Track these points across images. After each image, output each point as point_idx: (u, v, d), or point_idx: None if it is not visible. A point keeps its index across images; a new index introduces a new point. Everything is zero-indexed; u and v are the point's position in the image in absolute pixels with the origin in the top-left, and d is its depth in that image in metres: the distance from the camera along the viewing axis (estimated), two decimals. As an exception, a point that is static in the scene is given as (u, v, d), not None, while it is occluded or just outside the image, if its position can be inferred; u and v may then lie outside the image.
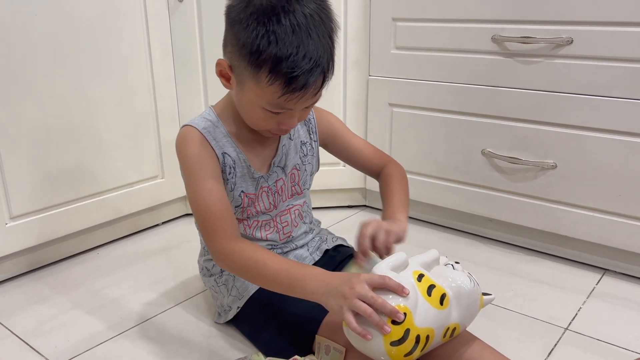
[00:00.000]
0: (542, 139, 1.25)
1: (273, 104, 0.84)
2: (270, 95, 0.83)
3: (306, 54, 0.79)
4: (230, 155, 0.94)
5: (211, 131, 0.93)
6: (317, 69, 0.81)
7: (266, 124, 0.89)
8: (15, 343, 1.03)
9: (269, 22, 0.78)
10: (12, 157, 1.19)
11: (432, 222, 1.54)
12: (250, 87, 0.84)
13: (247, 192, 0.97)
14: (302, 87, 0.81)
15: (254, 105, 0.86)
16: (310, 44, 0.79)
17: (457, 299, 0.82)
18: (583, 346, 1.00)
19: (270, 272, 0.84)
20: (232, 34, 0.84)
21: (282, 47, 0.78)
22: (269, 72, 0.80)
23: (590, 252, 1.28)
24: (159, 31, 1.40)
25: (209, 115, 0.95)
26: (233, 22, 0.83)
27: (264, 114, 0.86)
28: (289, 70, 0.79)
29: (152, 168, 1.47)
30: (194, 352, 0.99)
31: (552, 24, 1.18)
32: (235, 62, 0.85)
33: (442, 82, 1.37)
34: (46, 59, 1.20)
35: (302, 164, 1.03)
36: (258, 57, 0.79)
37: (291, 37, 0.78)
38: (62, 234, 1.31)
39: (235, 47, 0.83)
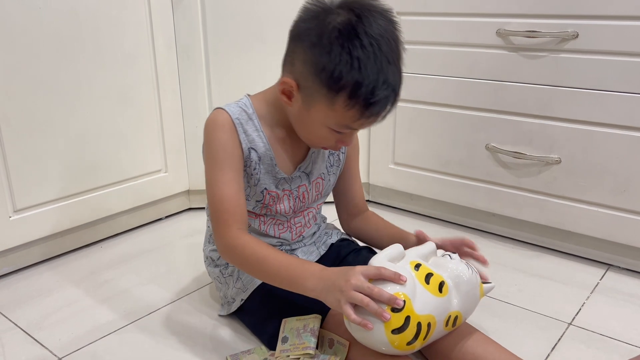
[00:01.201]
0: (546, 134, 1.25)
1: (341, 125, 0.85)
2: (342, 118, 0.83)
3: (385, 81, 0.79)
4: (257, 151, 0.93)
5: (243, 123, 0.92)
6: (393, 95, 0.82)
7: (325, 141, 0.90)
8: (19, 335, 1.03)
9: (353, 48, 0.77)
10: (15, 151, 1.19)
11: (436, 217, 1.54)
12: (320, 108, 0.83)
13: (269, 189, 0.97)
14: (377, 112, 0.82)
15: (318, 124, 0.86)
16: (389, 70, 0.80)
17: (456, 286, 0.83)
18: (587, 341, 1.00)
19: (270, 269, 0.85)
20: (306, 55, 0.82)
21: (364, 73, 0.78)
22: (348, 97, 0.79)
23: (595, 247, 1.28)
24: (162, 25, 1.40)
25: (245, 106, 0.94)
26: (312, 45, 0.80)
27: (327, 133, 0.87)
28: (368, 96, 0.79)
29: (156, 162, 1.47)
30: (197, 345, 1.00)
31: (558, 18, 1.17)
32: (306, 83, 0.83)
33: (446, 76, 1.36)
34: (50, 52, 1.20)
35: (327, 174, 1.04)
36: (339, 82, 0.79)
37: (373, 64, 0.78)
38: (65, 227, 1.31)
39: (310, 68, 0.81)
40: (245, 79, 1.46)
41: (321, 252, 1.07)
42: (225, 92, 1.48)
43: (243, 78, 1.47)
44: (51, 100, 1.23)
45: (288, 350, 0.88)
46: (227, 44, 1.44)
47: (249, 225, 1.00)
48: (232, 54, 1.45)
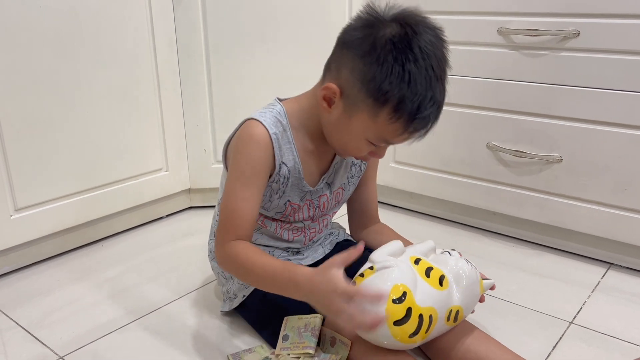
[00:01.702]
0: (547, 133, 1.25)
1: (381, 139, 0.84)
2: (384, 131, 0.82)
3: (432, 97, 0.79)
4: (287, 165, 0.92)
5: (279, 137, 0.90)
6: (436, 112, 0.81)
7: (358, 152, 0.89)
8: (20, 334, 1.03)
9: (406, 61, 0.76)
10: (17, 149, 1.19)
11: (437, 216, 1.54)
12: (362, 118, 0.82)
13: (292, 201, 0.96)
14: (421, 128, 0.81)
15: (357, 135, 0.85)
16: (437, 87, 0.79)
17: (456, 281, 0.84)
18: (588, 340, 1.00)
19: (259, 278, 0.86)
20: (355, 63, 0.80)
21: (413, 88, 0.77)
22: (394, 111, 0.79)
23: (596, 246, 1.28)
24: (163, 24, 1.40)
25: (280, 115, 0.91)
26: (364, 54, 0.79)
27: (364, 144, 0.86)
28: (414, 111, 0.78)
29: (157, 161, 1.47)
30: (199, 343, 1.00)
31: (559, 16, 1.17)
32: (351, 91, 0.82)
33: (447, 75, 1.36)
34: (51, 50, 1.20)
35: (347, 184, 1.03)
36: (386, 94, 0.78)
37: (423, 80, 0.77)
38: (66, 226, 1.31)
39: (358, 76, 0.80)
40: (246, 78, 1.46)
41: (326, 250, 1.07)
42: (226, 91, 1.48)
43: (244, 77, 1.46)
44: (52, 99, 1.22)
45: (288, 348, 0.88)
46: (228, 43, 1.44)
47: (265, 226, 1.00)
48: (233, 53, 1.45)
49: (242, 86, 1.47)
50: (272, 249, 1.02)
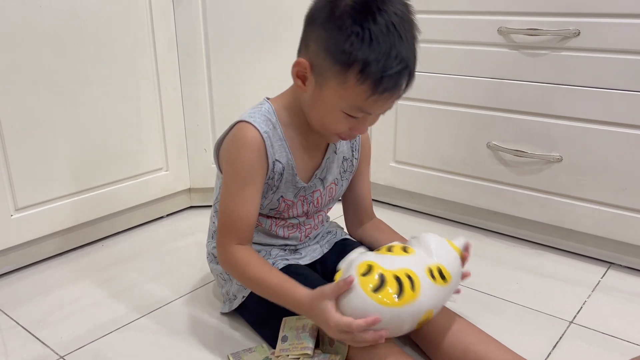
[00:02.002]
0: (547, 132, 1.25)
1: (354, 107, 0.83)
2: (355, 96, 0.81)
3: (397, 55, 0.78)
4: (281, 162, 0.93)
5: (271, 136, 0.91)
6: (405, 70, 0.80)
7: (339, 127, 0.88)
8: (21, 334, 1.04)
9: (365, 21, 0.77)
10: (17, 149, 1.19)
11: (437, 215, 1.54)
12: (332, 87, 0.82)
13: (285, 197, 0.97)
14: (390, 88, 0.80)
15: (331, 107, 0.85)
16: (401, 45, 0.79)
17: (421, 245, 0.86)
18: (588, 339, 1.00)
19: (263, 292, 0.90)
20: (318, 33, 0.82)
21: (375, 47, 0.77)
22: (359, 72, 0.78)
23: (596, 245, 1.28)
24: (163, 23, 1.40)
25: (269, 114, 0.92)
26: (324, 21, 0.80)
27: (340, 117, 0.85)
28: (380, 70, 0.78)
29: (157, 160, 1.48)
30: (199, 343, 1.00)
31: (559, 15, 1.17)
32: (318, 62, 0.82)
33: (447, 74, 1.36)
34: (52, 50, 1.20)
35: (340, 179, 1.03)
36: (350, 56, 0.78)
37: (385, 37, 0.77)
38: (66, 225, 1.31)
39: (322, 45, 0.81)
40: (246, 77, 1.46)
41: (324, 250, 1.07)
42: (226, 90, 1.48)
43: (244, 76, 1.46)
44: (52, 98, 1.22)
45: (287, 349, 0.88)
46: (228, 42, 1.44)
47: (260, 224, 1.00)
48: (233, 52, 1.45)
49: (242, 85, 1.47)
50: (270, 247, 1.02)
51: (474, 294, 1.15)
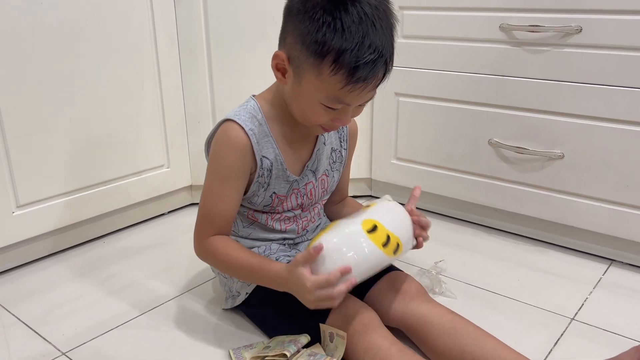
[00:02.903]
0: (549, 129, 1.24)
1: (332, 98, 0.83)
2: (331, 87, 0.81)
3: (371, 44, 0.78)
4: (268, 158, 0.93)
5: (256, 133, 0.91)
6: (380, 59, 0.80)
7: (320, 118, 0.88)
8: (22, 330, 1.04)
9: (335, 10, 0.78)
10: (19, 146, 1.19)
11: (438, 212, 1.54)
12: (309, 79, 0.83)
13: (278, 193, 0.97)
14: (365, 77, 0.80)
15: (310, 99, 0.85)
16: (375, 34, 0.79)
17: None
18: (589, 336, 1.00)
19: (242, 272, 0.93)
20: (294, 25, 0.82)
21: (348, 36, 0.77)
22: (333, 62, 0.79)
23: (597, 242, 1.28)
24: (164, 20, 1.39)
25: (254, 111, 0.93)
26: (297, 12, 0.81)
27: (320, 109, 0.85)
28: (353, 59, 0.78)
29: (158, 157, 1.48)
30: (201, 339, 1.00)
31: (561, 12, 1.17)
32: (295, 54, 0.83)
33: (449, 71, 1.36)
34: (53, 47, 1.20)
35: (330, 170, 1.04)
36: (323, 46, 0.78)
37: (357, 26, 0.78)
38: (68, 222, 1.32)
39: (297, 37, 0.81)
40: (247, 74, 1.46)
41: None
42: (227, 87, 1.48)
43: (245, 72, 1.46)
44: (54, 95, 1.22)
45: (265, 353, 0.89)
46: (229, 39, 1.44)
47: (256, 220, 1.00)
48: (234, 49, 1.45)
49: (243, 82, 1.47)
50: (269, 242, 1.02)
51: (475, 291, 1.15)
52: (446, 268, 1.23)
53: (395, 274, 1.01)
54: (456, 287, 1.15)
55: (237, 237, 1.02)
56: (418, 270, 1.21)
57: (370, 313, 0.89)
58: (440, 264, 1.23)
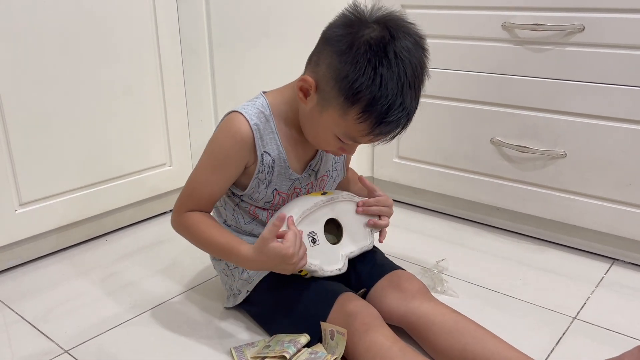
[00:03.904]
0: (551, 128, 1.24)
1: (347, 136, 0.85)
2: (351, 129, 0.83)
3: (402, 103, 0.80)
4: (270, 155, 0.93)
5: (261, 128, 0.92)
6: (404, 119, 0.83)
7: (328, 146, 0.91)
8: (25, 328, 1.04)
9: (379, 65, 0.78)
10: (22, 144, 1.19)
11: (440, 211, 1.54)
12: (332, 114, 0.84)
13: (280, 190, 0.98)
14: (387, 132, 0.83)
15: (326, 129, 0.87)
16: (408, 94, 0.80)
17: None
18: (591, 335, 1.00)
19: (215, 249, 0.95)
20: (332, 59, 0.81)
21: (383, 92, 0.78)
22: (362, 111, 0.80)
23: (599, 241, 1.28)
24: (166, 18, 1.40)
25: (262, 107, 0.93)
26: (340, 52, 0.80)
27: (332, 140, 0.88)
28: (382, 114, 0.80)
29: (160, 156, 1.48)
30: (203, 338, 1.00)
31: (564, 11, 1.17)
32: (325, 87, 0.83)
33: (451, 70, 1.36)
34: (55, 45, 1.20)
35: (331, 171, 1.05)
36: (357, 94, 0.79)
37: (395, 85, 0.79)
38: (71, 220, 1.32)
39: (333, 73, 0.81)
40: (249, 73, 1.46)
41: None
42: (229, 86, 1.48)
43: (247, 72, 1.46)
44: (56, 94, 1.23)
45: (265, 353, 0.89)
46: (231, 38, 1.44)
47: (257, 216, 1.01)
48: (236, 48, 1.45)
49: (245, 81, 1.47)
50: None
51: (477, 290, 1.15)
52: (448, 267, 1.23)
53: (397, 273, 1.01)
54: (458, 286, 1.15)
55: (238, 232, 1.02)
56: (420, 269, 1.21)
57: (371, 312, 0.89)
58: (442, 262, 1.23)
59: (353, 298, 0.92)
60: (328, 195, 0.97)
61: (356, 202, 1.00)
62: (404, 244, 1.33)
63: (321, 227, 0.94)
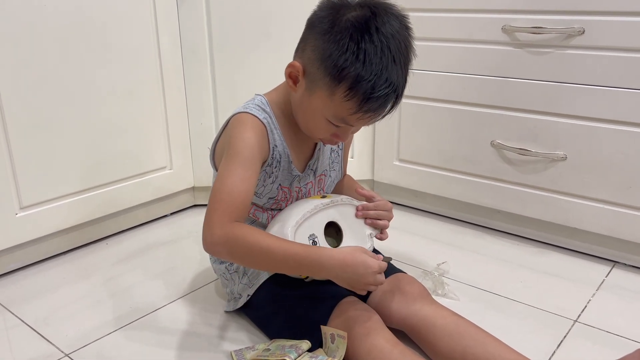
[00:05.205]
0: (552, 131, 1.24)
1: (338, 118, 0.85)
2: (340, 109, 0.83)
3: (388, 79, 0.80)
4: (278, 149, 0.94)
5: (269, 122, 0.93)
6: (392, 94, 0.82)
7: (321, 132, 0.90)
8: (26, 331, 1.04)
9: (361, 41, 0.78)
10: (22, 148, 1.19)
11: (440, 214, 1.54)
12: (320, 96, 0.84)
13: (283, 185, 0.98)
14: (375, 109, 0.83)
15: (317, 113, 0.87)
16: (393, 69, 0.80)
17: None
18: (592, 338, 1.00)
19: (277, 258, 0.84)
20: (316, 42, 0.83)
21: (368, 67, 0.79)
22: (348, 88, 0.80)
23: (600, 244, 1.28)
24: (167, 21, 1.40)
25: (263, 105, 0.94)
26: (323, 32, 0.82)
27: (324, 123, 0.87)
28: (368, 90, 0.80)
29: (161, 159, 1.48)
30: (203, 341, 1.00)
31: (564, 13, 1.17)
32: (311, 69, 0.84)
33: (451, 72, 1.36)
34: (56, 49, 1.20)
35: (329, 170, 1.05)
36: (342, 71, 0.80)
37: (379, 59, 0.79)
38: (71, 224, 1.32)
39: (318, 54, 0.82)
40: (250, 76, 1.46)
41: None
42: (230, 89, 1.48)
43: (248, 74, 1.47)
44: (57, 97, 1.23)
45: (265, 356, 0.89)
46: (232, 41, 1.44)
47: (257, 219, 1.01)
48: (237, 51, 1.45)
49: (246, 84, 1.47)
50: None
51: (478, 293, 1.15)
52: (449, 270, 1.22)
53: (399, 276, 1.01)
54: (459, 289, 1.15)
55: None
56: (421, 272, 1.21)
57: (372, 315, 0.89)
58: (442, 265, 1.23)
59: (353, 302, 0.92)
60: (328, 199, 0.97)
61: (356, 206, 1.00)
62: (404, 247, 1.33)
63: (321, 230, 0.94)
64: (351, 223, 0.98)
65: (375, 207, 1.00)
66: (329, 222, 0.96)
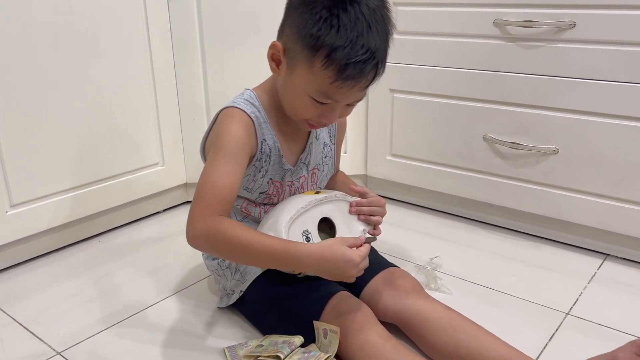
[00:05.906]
0: (543, 124, 1.25)
1: (321, 93, 0.84)
2: (321, 81, 0.83)
3: (364, 45, 0.80)
4: (268, 144, 0.94)
5: (258, 116, 0.93)
6: (371, 61, 0.82)
7: (307, 112, 0.89)
8: (17, 330, 1.03)
9: (334, 8, 0.79)
10: (12, 145, 1.18)
11: (433, 208, 1.54)
12: (301, 71, 0.84)
13: (274, 179, 0.98)
14: (354, 76, 0.82)
15: (300, 91, 0.86)
16: (369, 36, 0.80)
17: None
18: (584, 331, 1.00)
19: (255, 253, 0.83)
20: (293, 17, 0.84)
21: (342, 34, 0.79)
22: (325, 57, 0.80)
23: (592, 237, 1.28)
24: (157, 16, 1.39)
25: (251, 99, 0.94)
26: (298, 5, 0.83)
27: (308, 102, 0.87)
28: (345, 57, 0.80)
29: (153, 155, 1.47)
30: (196, 338, 1.00)
31: (555, 7, 1.17)
32: (290, 45, 0.85)
33: (443, 67, 1.36)
34: (46, 45, 1.19)
35: (322, 164, 1.05)
36: (317, 40, 0.80)
37: (353, 26, 0.79)
38: (62, 221, 1.31)
39: (295, 29, 0.83)
40: (241, 70, 1.46)
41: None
42: (221, 83, 1.47)
43: (239, 68, 1.46)
44: (47, 93, 1.22)
45: (258, 352, 0.88)
46: (223, 35, 1.43)
47: (249, 214, 1.00)
48: (228, 45, 1.44)
49: (238, 79, 1.46)
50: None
51: (471, 287, 1.15)
52: (442, 264, 1.23)
53: (391, 270, 1.01)
54: (452, 283, 1.15)
55: None
56: (414, 266, 1.21)
57: (364, 310, 0.89)
58: (435, 259, 1.23)
59: (346, 297, 0.92)
60: (322, 195, 0.97)
61: (349, 202, 1.00)
62: (397, 242, 1.33)
63: (315, 225, 0.94)
64: (345, 219, 0.98)
65: (369, 203, 1.00)
66: (322, 218, 0.96)
